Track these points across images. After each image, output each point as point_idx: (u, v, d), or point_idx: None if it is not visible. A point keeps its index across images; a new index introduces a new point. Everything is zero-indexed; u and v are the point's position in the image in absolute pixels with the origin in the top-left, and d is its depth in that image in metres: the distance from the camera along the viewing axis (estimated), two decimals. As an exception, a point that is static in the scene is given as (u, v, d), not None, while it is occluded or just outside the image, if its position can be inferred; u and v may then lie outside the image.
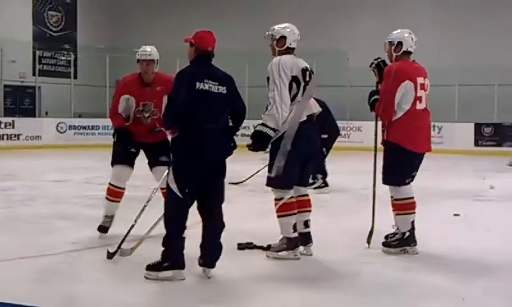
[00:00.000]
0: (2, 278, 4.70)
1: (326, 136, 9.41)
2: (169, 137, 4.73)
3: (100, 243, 5.55)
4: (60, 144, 19.35)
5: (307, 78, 5.31)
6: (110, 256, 5.16)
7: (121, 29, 24.33)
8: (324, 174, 9.80)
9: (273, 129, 5.10)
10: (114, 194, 6.21)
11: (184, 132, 4.57)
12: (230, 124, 4.84)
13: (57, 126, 20.27)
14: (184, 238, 4.59)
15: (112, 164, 6.25)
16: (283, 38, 5.40)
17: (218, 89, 4.67)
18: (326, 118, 8.84)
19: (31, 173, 12.53)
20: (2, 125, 19.19)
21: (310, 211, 5.51)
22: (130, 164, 6.20)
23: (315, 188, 9.46)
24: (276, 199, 5.31)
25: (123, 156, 6.16)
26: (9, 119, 19.63)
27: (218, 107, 4.69)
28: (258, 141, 5.13)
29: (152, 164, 6.16)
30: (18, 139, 19.31)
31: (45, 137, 19.77)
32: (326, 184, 9.75)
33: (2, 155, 16.51)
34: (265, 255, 5.35)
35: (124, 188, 6.25)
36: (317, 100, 6.81)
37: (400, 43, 5.57)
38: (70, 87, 22.50)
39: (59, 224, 6.96)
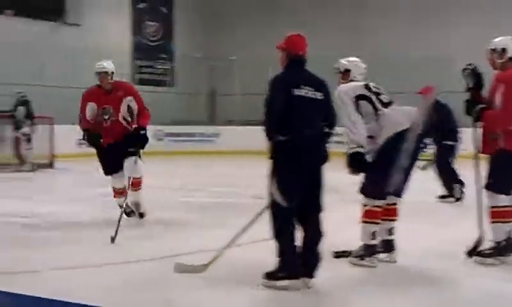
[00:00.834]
0: (98, 283, 4.83)
1: (451, 143, 9.07)
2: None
3: (197, 248, 5.61)
4: (158, 150, 19.80)
5: (374, 90, 5.37)
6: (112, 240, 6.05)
7: (217, 38, 24.68)
8: (459, 182, 9.15)
9: (360, 146, 5.11)
10: (117, 194, 7.44)
11: (283, 139, 4.53)
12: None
13: (156, 133, 20.78)
14: (295, 247, 4.57)
15: (105, 174, 7.45)
16: (348, 71, 5.56)
17: (314, 95, 4.65)
18: (441, 123, 8.50)
19: (131, 179, 12.87)
20: (104, 133, 19.86)
21: (395, 220, 5.47)
22: (118, 170, 7.27)
23: (457, 200, 9.09)
24: (363, 205, 5.31)
25: (109, 167, 7.36)
26: (110, 127, 20.30)
27: (315, 113, 4.65)
28: (354, 163, 5.13)
29: (123, 156, 7.17)
30: (119, 146, 19.91)
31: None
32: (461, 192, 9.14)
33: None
34: (348, 261, 5.35)
35: (124, 187, 7.25)
36: (441, 106, 6.81)
37: (504, 50, 5.43)
38: (167, 96, 23.06)
39: (156, 230, 7.12)
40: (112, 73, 7.35)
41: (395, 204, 5.46)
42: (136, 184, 7.32)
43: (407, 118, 5.23)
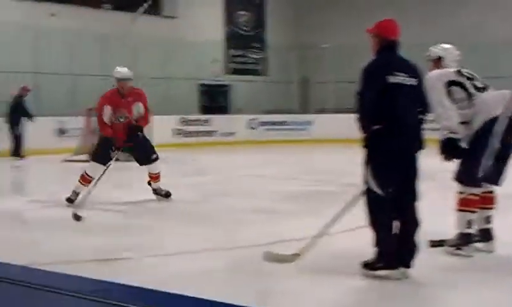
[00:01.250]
0: (191, 271, 4.92)
1: None
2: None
3: (292, 236, 5.62)
4: (252, 139, 20.02)
5: (467, 75, 5.24)
6: (77, 218, 6.56)
7: (308, 27, 24.60)
8: None
9: (453, 132, 5.02)
10: (87, 181, 7.99)
11: (379, 128, 4.45)
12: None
13: (249, 122, 21.00)
14: (392, 236, 4.49)
15: (93, 160, 8.24)
16: (440, 58, 5.42)
17: (409, 81, 4.54)
18: None
19: (226, 168, 13.09)
20: (199, 122, 20.26)
21: (492, 208, 5.31)
22: (106, 164, 7.98)
23: None
24: (458, 193, 5.19)
25: (103, 158, 8.05)
26: (205, 117, 20.68)
27: (410, 100, 4.54)
28: (447, 149, 5.06)
29: (145, 163, 8.31)
30: (214, 135, 20.27)
31: (238, 133, 20.56)
32: None
33: (200, 151, 17.43)
34: (444, 251, 5.22)
35: (93, 178, 7.97)
36: None
37: None
38: (260, 85, 23.24)
39: (251, 218, 7.19)
40: (131, 79, 8.34)
41: (492, 192, 5.31)
42: (156, 178, 8.35)
43: (503, 101, 5.07)
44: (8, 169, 13.84)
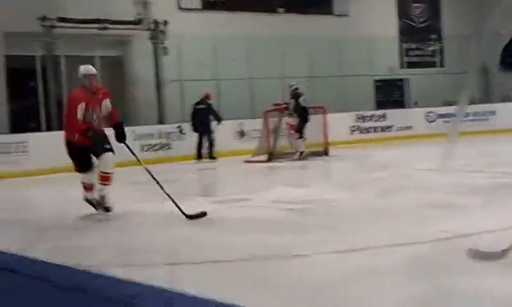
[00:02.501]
0: (377, 265, 4.90)
1: None
2: None
3: (472, 230, 5.48)
4: (430, 132, 19.55)
5: None
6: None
7: (485, 12, 23.57)
8: None
9: None
10: (88, 189, 7.86)
11: None
12: None
13: (427, 115, 20.53)
14: None
15: (79, 172, 7.93)
16: None
17: None
18: None
19: (403, 163, 12.92)
20: (375, 118, 20.15)
21: None
22: (91, 168, 7.83)
23: None
24: None
25: (84, 164, 7.83)
26: (381, 112, 20.53)
27: None
28: None
29: (99, 153, 7.62)
30: (390, 130, 20.06)
31: (415, 126, 20.18)
32: None
33: (376, 146, 17.34)
34: None
35: (93, 183, 7.75)
36: None
37: None
38: (436, 77, 22.62)
39: (430, 213, 7.07)
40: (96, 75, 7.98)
41: None
42: (108, 179, 7.66)
43: None
44: (195, 171, 14.65)
